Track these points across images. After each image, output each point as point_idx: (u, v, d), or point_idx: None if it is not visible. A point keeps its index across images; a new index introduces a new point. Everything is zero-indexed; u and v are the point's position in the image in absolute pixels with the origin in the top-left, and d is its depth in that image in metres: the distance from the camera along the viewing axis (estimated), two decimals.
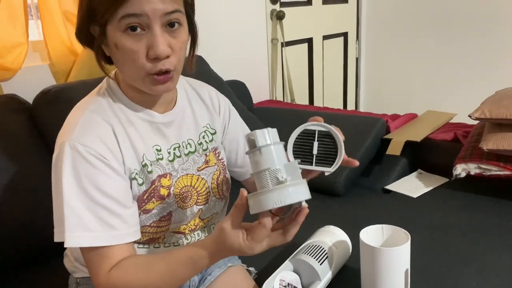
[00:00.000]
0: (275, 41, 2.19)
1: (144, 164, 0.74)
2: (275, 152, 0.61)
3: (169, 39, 0.66)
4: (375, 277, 0.82)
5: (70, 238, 0.65)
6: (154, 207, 0.75)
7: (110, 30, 0.65)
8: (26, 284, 1.02)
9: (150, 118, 0.76)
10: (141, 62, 0.65)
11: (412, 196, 1.32)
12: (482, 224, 1.12)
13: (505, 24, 2.38)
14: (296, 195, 0.59)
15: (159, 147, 0.77)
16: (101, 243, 0.67)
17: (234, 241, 0.62)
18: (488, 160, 1.24)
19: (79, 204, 0.65)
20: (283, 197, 0.58)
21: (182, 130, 0.81)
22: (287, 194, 0.58)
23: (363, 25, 2.90)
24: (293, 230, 0.63)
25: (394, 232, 0.87)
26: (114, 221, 0.68)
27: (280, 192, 0.58)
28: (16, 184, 1.05)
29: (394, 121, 1.65)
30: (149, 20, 0.63)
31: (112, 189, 0.68)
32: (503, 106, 1.23)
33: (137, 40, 0.64)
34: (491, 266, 0.95)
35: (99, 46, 0.68)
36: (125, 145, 0.72)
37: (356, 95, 3.05)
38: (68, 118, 0.73)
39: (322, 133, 0.68)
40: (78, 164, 0.66)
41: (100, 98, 0.74)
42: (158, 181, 0.76)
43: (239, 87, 1.80)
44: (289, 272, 0.89)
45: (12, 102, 1.16)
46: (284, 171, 0.60)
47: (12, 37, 1.22)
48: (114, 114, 0.73)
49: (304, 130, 0.68)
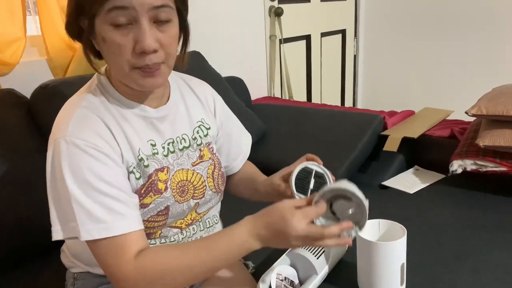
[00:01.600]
0: (273, 38, 2.19)
1: (140, 158, 0.74)
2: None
3: (157, 33, 0.66)
4: (371, 271, 0.83)
5: (84, 233, 0.64)
6: (151, 201, 0.75)
7: (98, 23, 0.65)
8: (24, 279, 1.02)
9: (144, 113, 0.76)
10: (127, 56, 0.65)
11: (409, 192, 1.33)
12: (478, 220, 1.13)
13: (502, 21, 2.39)
14: (364, 199, 0.69)
15: (153, 142, 0.77)
16: (115, 233, 0.65)
17: (285, 204, 0.67)
18: (484, 156, 1.25)
19: (86, 198, 0.65)
20: (356, 189, 0.69)
21: (176, 125, 0.81)
22: (360, 193, 0.69)
23: (361, 22, 2.90)
24: (332, 229, 0.66)
25: (391, 227, 0.87)
26: (123, 209, 0.67)
27: (356, 189, 0.69)
28: (14, 178, 1.05)
29: (391, 118, 1.66)
30: (136, 13, 0.63)
31: (114, 178, 0.68)
32: (499, 103, 1.24)
33: (124, 34, 0.64)
34: (486, 262, 0.96)
35: (88, 40, 0.68)
36: (121, 140, 0.72)
37: (353, 92, 3.06)
38: (59, 116, 0.72)
39: (318, 174, 0.81)
40: (77, 158, 0.65)
41: (91, 95, 0.73)
42: (155, 175, 0.76)
43: (237, 84, 1.80)
44: (286, 266, 0.90)
45: (10, 96, 1.16)
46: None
47: (10, 31, 1.22)
48: (107, 110, 0.73)
49: (305, 168, 0.81)
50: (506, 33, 2.39)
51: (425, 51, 2.70)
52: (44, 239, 0.98)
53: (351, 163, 1.41)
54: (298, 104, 1.94)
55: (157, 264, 0.65)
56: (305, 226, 0.65)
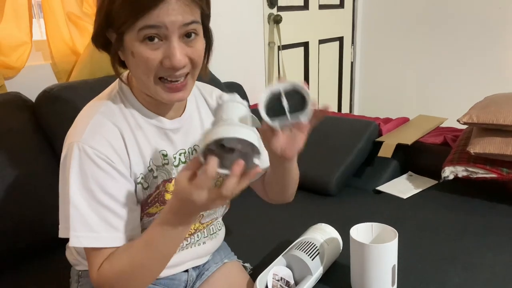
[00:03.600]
0: (272, 45, 2.23)
1: (150, 169, 0.76)
2: (234, 106, 0.63)
3: (186, 48, 0.66)
4: (364, 272, 0.86)
5: (74, 238, 0.67)
6: (157, 211, 0.77)
7: (128, 39, 0.65)
8: (29, 276, 1.05)
9: (159, 124, 0.77)
10: (154, 69, 0.66)
11: (402, 197, 1.37)
12: (468, 224, 1.17)
13: (496, 32, 2.44)
14: (239, 133, 0.57)
15: (165, 152, 0.78)
16: (103, 244, 0.69)
17: (180, 185, 0.60)
18: (475, 163, 1.29)
19: (84, 205, 0.67)
20: (227, 131, 0.57)
21: (189, 136, 0.82)
22: (232, 129, 0.57)
23: (359, 30, 2.94)
24: (228, 182, 0.58)
25: (383, 230, 0.91)
26: (118, 222, 0.70)
27: (228, 127, 0.57)
28: (19, 180, 1.07)
29: (386, 125, 1.69)
30: (167, 31, 0.63)
31: (118, 191, 0.70)
32: (490, 112, 1.27)
33: (153, 49, 0.65)
34: (475, 264, 0.99)
35: (116, 52, 0.69)
36: (132, 150, 0.73)
37: (350, 99, 3.10)
38: (78, 119, 0.74)
39: (288, 91, 0.67)
40: (85, 166, 0.68)
41: (110, 101, 0.74)
42: (162, 186, 0.77)
43: (236, 89, 1.84)
44: (282, 267, 0.93)
45: (15, 100, 1.19)
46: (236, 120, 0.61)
47: (17, 36, 1.25)
48: (124, 118, 0.74)
49: (271, 94, 0.68)
50: (500, 43, 2.44)
51: (421, 59, 2.74)
52: (48, 238, 1.01)
53: (347, 168, 1.45)
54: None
55: (113, 272, 0.68)
56: (205, 198, 0.60)
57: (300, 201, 1.38)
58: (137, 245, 0.68)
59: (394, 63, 2.87)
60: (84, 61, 1.38)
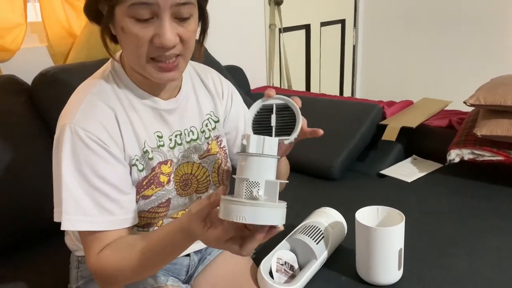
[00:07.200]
0: (273, 27, 2.19)
1: (145, 150, 0.74)
2: (262, 165, 0.58)
3: (178, 28, 0.65)
4: (369, 256, 0.85)
5: (66, 221, 0.66)
6: (153, 193, 0.76)
7: (118, 13, 0.64)
8: (29, 262, 1.04)
9: (153, 105, 0.76)
10: (144, 47, 0.65)
11: (407, 181, 1.35)
12: (474, 208, 1.15)
13: (501, 13, 2.39)
14: (264, 218, 0.55)
15: (160, 133, 0.77)
16: (97, 228, 0.68)
17: (197, 228, 0.60)
18: (481, 146, 1.27)
19: (77, 188, 0.66)
20: (250, 215, 0.54)
21: (185, 117, 0.80)
22: (254, 213, 0.54)
23: (361, 12, 2.89)
24: (250, 246, 0.58)
25: (389, 213, 0.89)
26: (112, 206, 0.69)
27: (252, 209, 0.54)
28: (15, 165, 1.06)
29: (390, 108, 1.66)
30: (159, 9, 0.62)
31: (111, 175, 0.69)
32: (497, 93, 1.25)
33: (144, 26, 0.63)
34: (481, 247, 0.98)
35: (106, 25, 0.68)
36: (126, 131, 0.72)
37: (352, 82, 3.06)
38: (71, 99, 0.72)
39: (280, 106, 0.66)
40: (78, 149, 0.66)
41: (103, 81, 0.73)
42: (158, 168, 0.76)
43: (237, 73, 1.81)
44: (286, 251, 0.92)
45: (11, 83, 1.16)
46: (263, 188, 0.57)
47: (11, 17, 1.21)
48: (118, 98, 0.72)
49: (263, 106, 0.66)
50: (505, 25, 2.40)
51: (424, 41, 2.70)
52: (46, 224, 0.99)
53: (350, 152, 1.42)
54: (297, 94, 1.95)
55: (112, 261, 0.67)
56: (223, 246, 0.59)
57: (303, 185, 1.37)
58: (140, 244, 0.67)
59: (397, 46, 2.83)
60: (81, 43, 1.34)
